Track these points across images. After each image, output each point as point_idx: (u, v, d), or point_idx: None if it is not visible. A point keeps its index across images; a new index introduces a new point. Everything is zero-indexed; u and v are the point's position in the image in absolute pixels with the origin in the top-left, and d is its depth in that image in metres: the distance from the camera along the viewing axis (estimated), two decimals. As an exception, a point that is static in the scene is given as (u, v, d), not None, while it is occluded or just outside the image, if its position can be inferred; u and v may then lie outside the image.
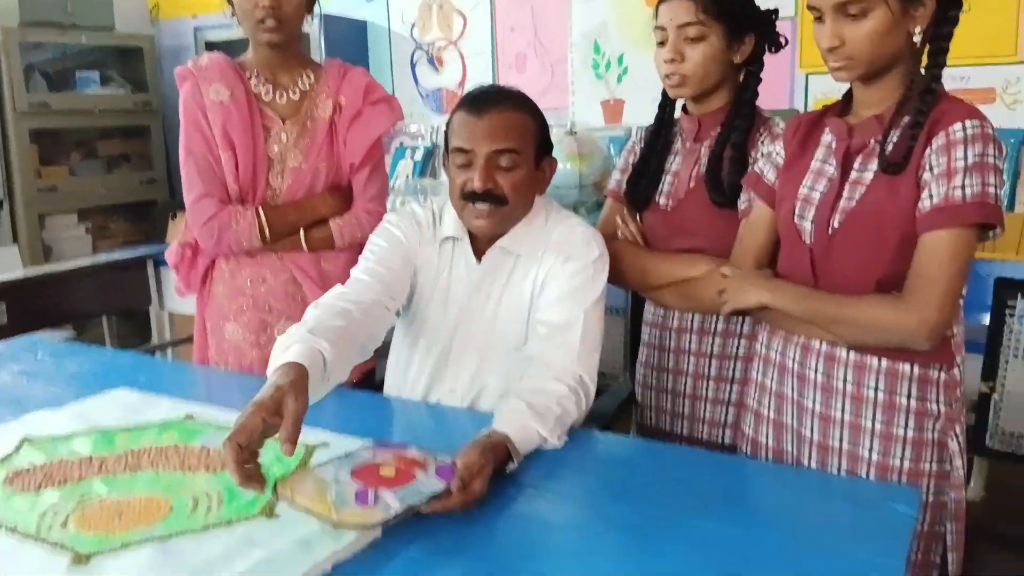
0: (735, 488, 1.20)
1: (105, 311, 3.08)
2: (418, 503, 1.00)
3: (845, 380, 1.25)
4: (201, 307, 1.85)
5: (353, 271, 1.46)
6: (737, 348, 1.55)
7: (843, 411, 1.26)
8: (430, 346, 1.51)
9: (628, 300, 2.02)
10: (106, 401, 1.45)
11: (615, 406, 1.76)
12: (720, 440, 1.58)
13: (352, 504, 0.97)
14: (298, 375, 1.08)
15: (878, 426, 1.23)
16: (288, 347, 1.15)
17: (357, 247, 1.78)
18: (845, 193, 1.23)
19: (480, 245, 1.46)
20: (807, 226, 1.26)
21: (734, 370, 1.56)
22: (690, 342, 1.59)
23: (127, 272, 3.09)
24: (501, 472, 1.14)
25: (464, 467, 1.06)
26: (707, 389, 1.58)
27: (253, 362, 1.76)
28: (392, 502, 0.98)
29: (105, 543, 0.96)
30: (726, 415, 1.57)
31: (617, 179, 1.69)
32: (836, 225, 1.23)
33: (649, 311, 1.68)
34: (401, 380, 1.57)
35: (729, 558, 0.97)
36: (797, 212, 1.28)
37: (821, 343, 1.26)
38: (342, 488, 1.00)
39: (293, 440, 1.00)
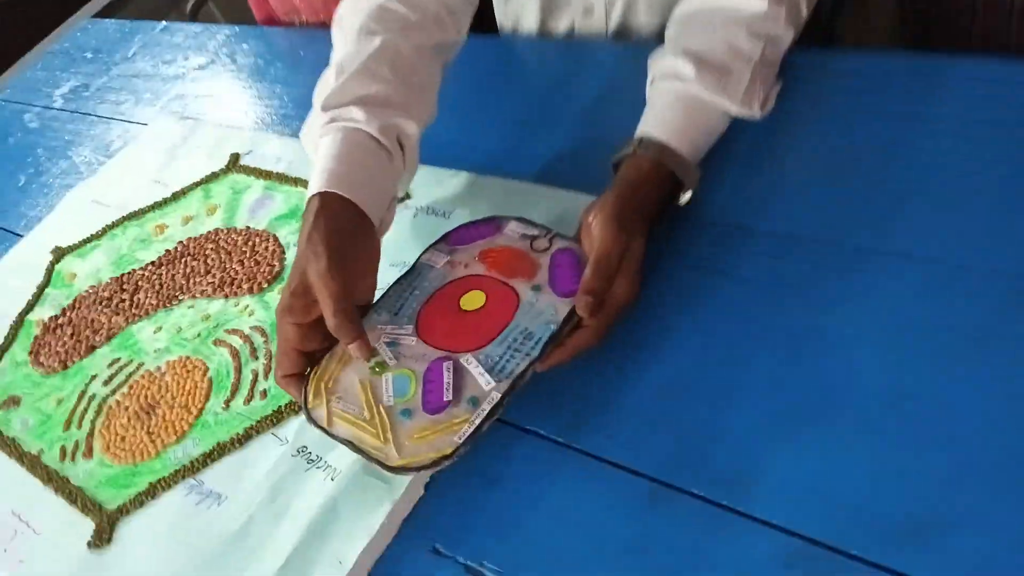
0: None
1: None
2: (529, 367, 0.59)
3: None
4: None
5: None
6: None
7: None
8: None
9: None
10: (141, 149, 1.10)
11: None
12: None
13: (419, 413, 0.59)
14: (318, 221, 0.64)
15: None
16: (313, 168, 0.69)
17: None
18: None
19: None
20: None
21: None
22: None
23: None
24: (665, 209, 0.68)
25: (599, 263, 0.61)
26: None
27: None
28: (484, 382, 0.59)
29: (130, 483, 0.69)
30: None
31: None
32: None
33: None
34: (501, 6, 1.03)
35: None
36: None
37: None
38: (401, 374, 0.61)
39: (349, 333, 0.61)
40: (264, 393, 0.71)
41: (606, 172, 0.69)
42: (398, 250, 0.75)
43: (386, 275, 0.70)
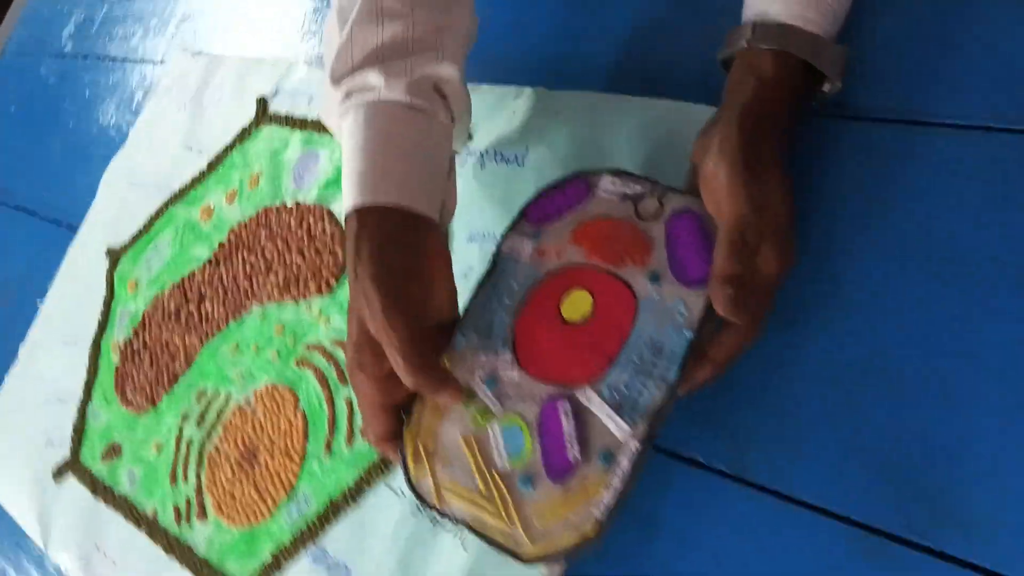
0: None
1: None
2: (668, 396, 0.45)
3: None
4: None
5: None
6: None
7: None
8: None
9: None
10: (163, 104, 0.96)
11: None
12: None
13: (543, 480, 0.47)
14: (359, 248, 0.50)
15: None
16: (343, 164, 0.53)
17: None
18: None
19: None
20: None
21: None
22: None
23: None
24: (804, 109, 0.50)
25: (733, 235, 0.45)
26: None
27: None
28: (615, 426, 0.46)
29: (252, 551, 0.63)
30: None
31: None
32: None
33: None
34: None
35: None
36: None
37: None
38: (511, 424, 0.49)
39: (430, 386, 0.49)
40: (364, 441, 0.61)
41: (714, 67, 0.50)
42: (473, 218, 0.61)
43: (464, 253, 0.57)
